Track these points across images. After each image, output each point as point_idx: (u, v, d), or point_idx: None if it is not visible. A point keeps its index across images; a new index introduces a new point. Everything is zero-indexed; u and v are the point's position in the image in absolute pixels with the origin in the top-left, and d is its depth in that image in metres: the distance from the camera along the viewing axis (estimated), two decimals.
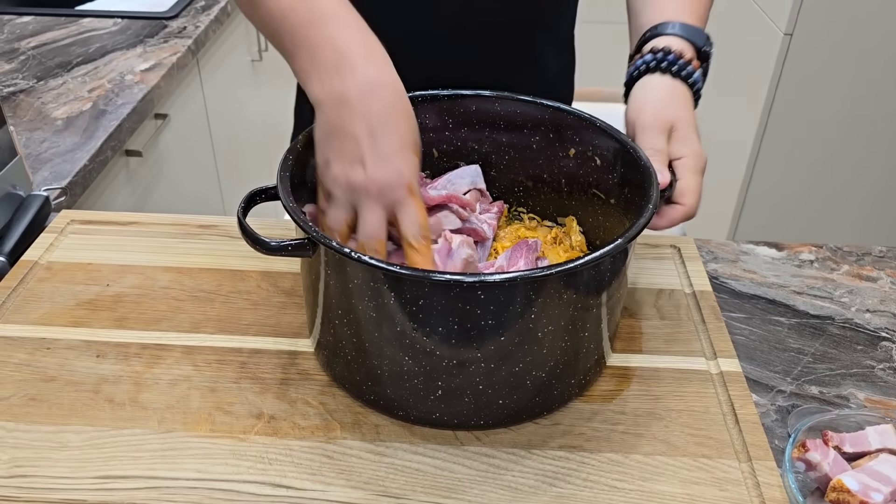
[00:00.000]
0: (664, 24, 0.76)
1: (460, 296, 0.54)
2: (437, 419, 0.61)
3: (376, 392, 0.62)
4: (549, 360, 0.59)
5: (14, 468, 0.59)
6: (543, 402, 0.62)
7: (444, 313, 0.55)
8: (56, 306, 0.74)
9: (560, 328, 0.58)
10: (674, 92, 0.72)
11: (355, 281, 0.56)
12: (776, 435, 0.65)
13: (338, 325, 0.61)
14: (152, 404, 0.64)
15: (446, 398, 0.59)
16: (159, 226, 0.86)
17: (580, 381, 0.64)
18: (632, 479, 0.59)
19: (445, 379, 0.58)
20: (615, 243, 0.55)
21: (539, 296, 0.55)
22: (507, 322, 0.55)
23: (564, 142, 0.73)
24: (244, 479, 0.58)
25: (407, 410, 0.62)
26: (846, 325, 0.77)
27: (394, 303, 0.55)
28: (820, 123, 1.79)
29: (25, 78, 1.32)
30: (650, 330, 0.72)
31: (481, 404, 0.60)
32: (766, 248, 0.89)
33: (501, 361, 0.57)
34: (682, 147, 0.69)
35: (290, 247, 0.59)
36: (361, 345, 0.60)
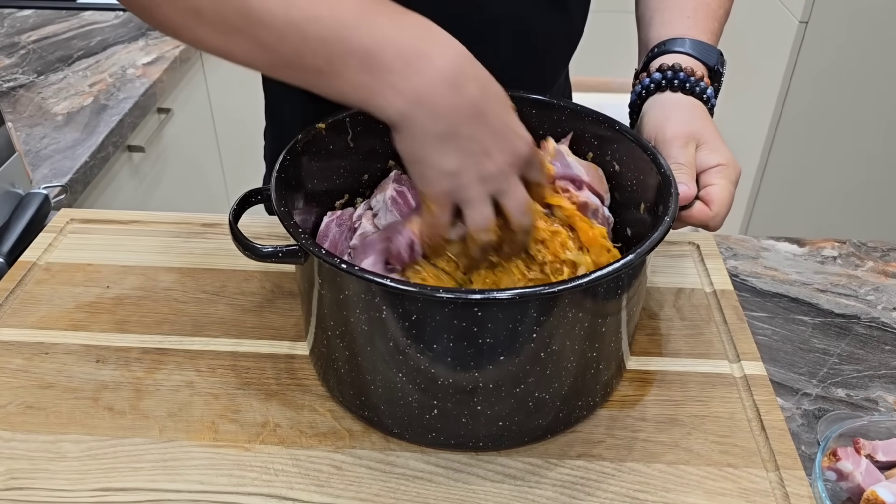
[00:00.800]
0: (673, 40, 0.71)
1: (458, 313, 0.50)
2: (444, 442, 0.59)
3: (371, 410, 0.59)
4: (563, 378, 0.56)
5: (10, 480, 0.56)
6: (560, 421, 0.59)
7: (444, 331, 0.51)
8: (55, 309, 0.72)
9: (574, 344, 0.54)
10: (693, 105, 0.68)
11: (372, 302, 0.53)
12: (803, 441, 0.62)
13: (339, 340, 0.58)
14: (153, 412, 0.62)
15: (455, 421, 0.56)
16: (161, 224, 0.83)
17: (601, 393, 0.61)
18: (655, 489, 0.56)
19: (451, 402, 0.55)
20: (626, 259, 0.51)
21: (548, 312, 0.51)
22: (513, 341, 0.52)
23: (582, 145, 0.69)
24: (249, 492, 0.56)
25: (412, 432, 0.59)
26: (872, 325, 0.75)
27: (391, 320, 0.52)
28: (836, 114, 1.76)
29: (25, 73, 1.30)
30: (670, 331, 0.70)
31: (493, 427, 0.57)
32: (787, 243, 0.86)
33: (510, 383, 0.54)
34: (715, 156, 0.65)
35: (280, 253, 0.56)
36: (361, 364, 0.57)
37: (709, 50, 0.71)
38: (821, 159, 1.82)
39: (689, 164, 0.64)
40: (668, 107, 0.68)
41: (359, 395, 0.59)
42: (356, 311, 0.54)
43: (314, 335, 0.61)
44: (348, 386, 0.60)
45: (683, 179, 0.62)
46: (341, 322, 0.56)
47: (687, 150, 0.64)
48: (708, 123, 0.67)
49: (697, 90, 0.68)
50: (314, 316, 0.59)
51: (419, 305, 0.51)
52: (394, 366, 0.55)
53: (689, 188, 0.62)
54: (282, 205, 0.56)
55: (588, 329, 0.54)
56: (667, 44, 0.71)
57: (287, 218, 0.55)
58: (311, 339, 0.62)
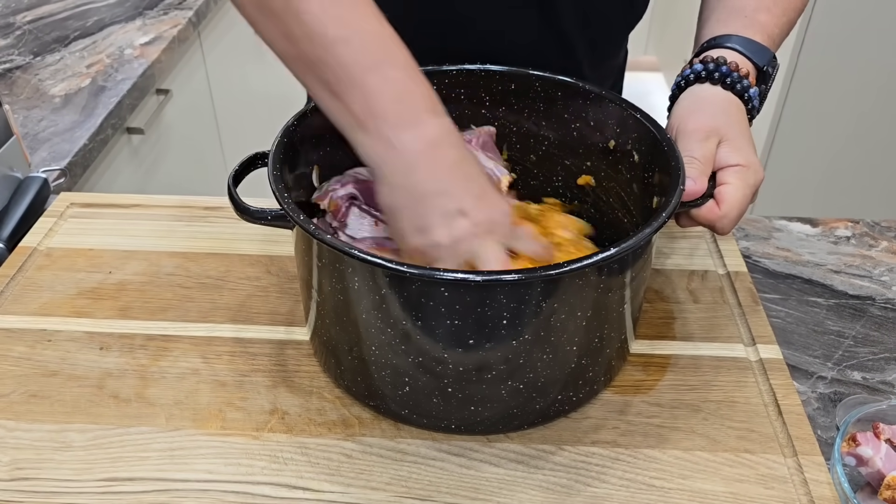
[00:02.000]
0: (724, 36, 0.68)
1: (465, 295, 0.49)
2: (450, 426, 0.58)
3: (376, 397, 0.58)
4: (565, 360, 0.55)
5: (15, 470, 0.55)
6: (563, 403, 0.58)
7: (449, 314, 0.50)
8: (57, 295, 0.71)
9: (578, 325, 0.53)
10: (727, 100, 0.65)
11: (356, 282, 0.52)
12: (819, 425, 0.61)
13: (331, 324, 0.57)
14: (159, 400, 0.61)
15: (460, 405, 0.55)
16: (163, 208, 0.82)
17: (604, 375, 0.60)
18: (671, 476, 0.55)
19: (456, 385, 0.54)
20: (604, 254, 0.49)
21: (552, 294, 0.50)
22: (516, 322, 0.50)
23: (605, 132, 0.67)
24: (258, 481, 0.55)
25: (419, 417, 0.58)
26: (888, 306, 0.73)
27: (395, 303, 0.51)
28: (847, 87, 1.72)
29: (22, 54, 1.28)
30: (684, 315, 0.68)
31: (495, 410, 0.56)
32: (799, 224, 0.84)
33: (512, 364, 0.53)
34: (735, 156, 0.61)
35: (269, 216, 0.56)
36: (363, 348, 0.56)
37: (760, 50, 0.67)
38: (832, 136, 1.80)
39: (703, 158, 0.61)
40: (701, 99, 0.65)
41: (364, 381, 0.58)
42: (354, 292, 0.52)
43: (314, 322, 0.60)
44: (352, 373, 0.59)
45: (692, 174, 0.59)
46: (341, 306, 0.55)
47: (705, 145, 0.61)
48: (737, 121, 0.64)
49: (738, 87, 0.65)
50: (313, 301, 0.58)
51: (420, 287, 0.49)
52: (397, 350, 0.53)
53: (696, 184, 0.59)
54: (276, 168, 0.56)
55: (592, 311, 0.53)
56: (717, 39, 0.68)
57: (277, 182, 0.54)
58: (311, 325, 0.61)
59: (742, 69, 0.65)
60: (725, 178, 0.61)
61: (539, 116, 0.70)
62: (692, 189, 0.59)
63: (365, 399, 0.59)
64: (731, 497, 0.54)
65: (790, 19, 0.72)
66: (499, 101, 0.70)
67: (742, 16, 0.70)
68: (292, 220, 0.52)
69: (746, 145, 0.62)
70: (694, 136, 0.62)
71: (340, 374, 0.60)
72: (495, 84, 0.69)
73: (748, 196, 0.61)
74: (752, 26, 0.68)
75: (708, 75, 0.65)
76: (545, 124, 0.70)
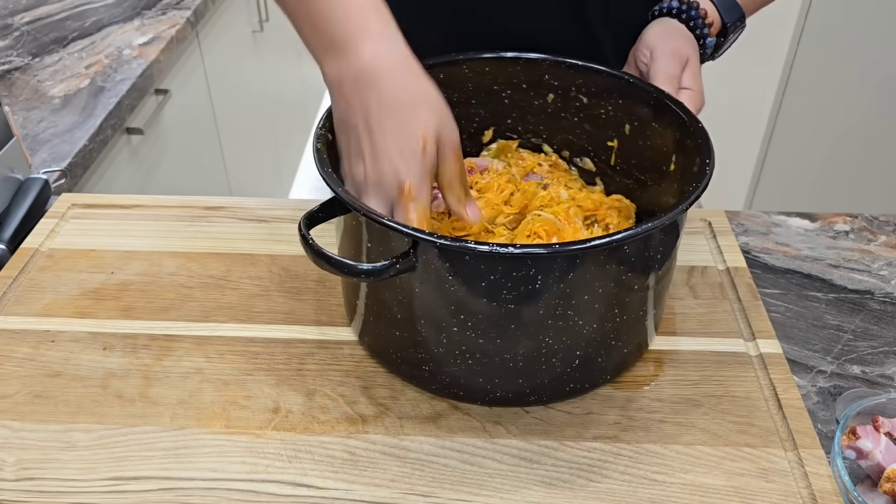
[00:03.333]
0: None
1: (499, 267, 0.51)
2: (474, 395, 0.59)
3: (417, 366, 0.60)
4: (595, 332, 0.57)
5: (21, 471, 0.56)
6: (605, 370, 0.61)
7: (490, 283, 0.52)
8: (59, 296, 0.71)
9: (603, 300, 0.55)
10: (689, 37, 0.75)
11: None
12: (819, 418, 0.62)
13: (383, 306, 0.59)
14: (163, 399, 0.61)
15: (487, 370, 0.57)
16: (164, 209, 0.82)
17: (621, 358, 0.62)
18: (672, 471, 0.55)
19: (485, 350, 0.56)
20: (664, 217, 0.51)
21: (583, 267, 0.52)
22: (551, 292, 0.52)
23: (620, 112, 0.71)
24: (263, 479, 0.55)
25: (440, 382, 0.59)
26: (887, 300, 0.74)
27: (437, 276, 0.53)
28: (845, 82, 1.72)
29: (20, 55, 1.28)
30: (684, 310, 0.69)
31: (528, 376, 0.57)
32: (798, 219, 0.85)
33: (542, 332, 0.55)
34: (689, 80, 0.71)
35: (397, 265, 0.52)
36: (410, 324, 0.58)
37: (732, 7, 0.77)
38: (827, 131, 1.80)
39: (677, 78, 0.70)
40: (672, 28, 0.75)
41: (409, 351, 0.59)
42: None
43: (363, 316, 0.62)
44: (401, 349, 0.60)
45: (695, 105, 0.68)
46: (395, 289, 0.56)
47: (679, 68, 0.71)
48: (696, 54, 0.74)
49: (698, 32, 0.75)
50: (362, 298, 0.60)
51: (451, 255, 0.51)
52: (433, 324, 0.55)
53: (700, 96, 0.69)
54: (320, 154, 0.58)
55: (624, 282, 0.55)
56: None
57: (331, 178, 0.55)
58: (360, 321, 0.63)
59: (709, 19, 0.75)
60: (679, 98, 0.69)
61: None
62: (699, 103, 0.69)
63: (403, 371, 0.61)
64: (733, 491, 0.54)
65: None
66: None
67: None
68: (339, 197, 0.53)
69: (698, 75, 0.72)
70: (671, 57, 0.71)
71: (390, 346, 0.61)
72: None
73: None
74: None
75: (678, 13, 0.76)
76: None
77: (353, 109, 0.55)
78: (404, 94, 0.55)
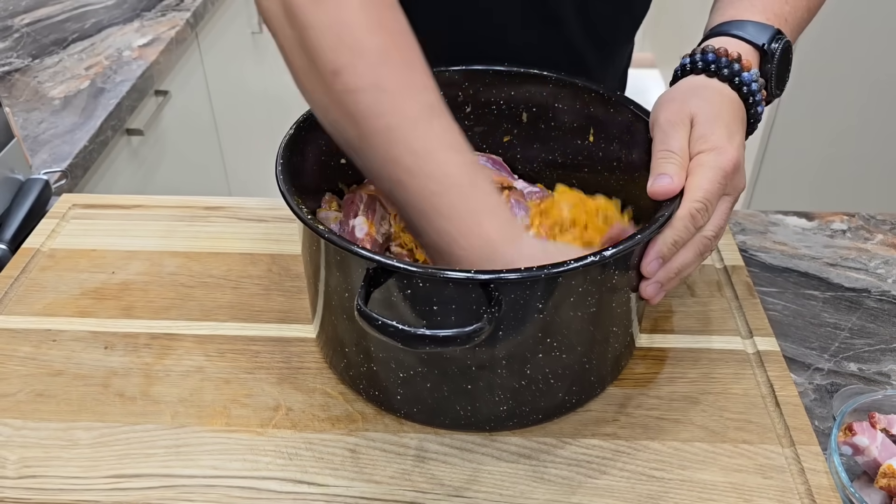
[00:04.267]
0: (720, 24, 0.64)
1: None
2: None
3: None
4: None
5: (23, 468, 0.56)
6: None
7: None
8: (60, 296, 0.71)
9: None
10: (702, 85, 0.60)
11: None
12: (816, 415, 0.62)
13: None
14: (164, 398, 0.61)
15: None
16: (164, 209, 0.82)
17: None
18: (671, 467, 0.56)
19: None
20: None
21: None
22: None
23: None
24: (263, 476, 0.56)
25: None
26: (883, 298, 0.74)
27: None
28: (843, 81, 1.73)
29: (20, 56, 1.28)
30: (682, 308, 0.69)
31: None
32: (795, 217, 0.85)
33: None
34: (699, 143, 0.57)
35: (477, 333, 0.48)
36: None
37: (759, 29, 0.62)
38: (824, 131, 1.81)
39: (681, 151, 0.57)
40: (676, 89, 0.62)
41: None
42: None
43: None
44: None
45: (670, 171, 0.55)
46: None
47: (679, 134, 0.57)
48: (710, 104, 0.59)
49: (726, 72, 0.60)
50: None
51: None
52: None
53: (673, 181, 0.55)
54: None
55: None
56: (713, 29, 0.65)
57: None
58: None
59: (732, 53, 0.61)
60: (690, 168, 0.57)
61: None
62: (670, 186, 0.55)
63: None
64: (730, 487, 0.54)
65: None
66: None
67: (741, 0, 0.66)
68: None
69: (714, 129, 0.57)
70: (665, 126, 0.58)
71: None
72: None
73: (713, 180, 0.55)
74: (751, 7, 0.65)
75: (693, 67, 0.62)
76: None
77: None
78: None
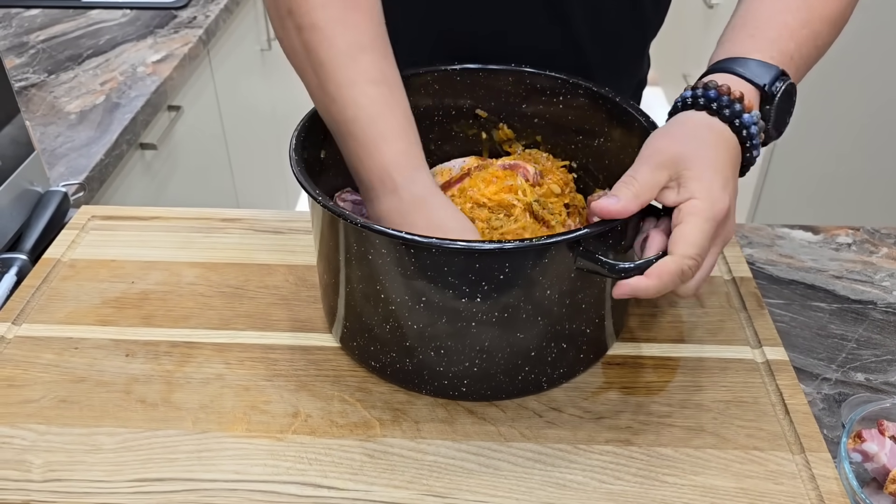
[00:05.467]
0: (725, 60, 0.63)
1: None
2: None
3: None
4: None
5: (48, 472, 0.57)
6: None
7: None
8: (82, 305, 0.73)
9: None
10: (702, 125, 0.58)
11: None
12: (825, 424, 0.63)
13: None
14: (185, 404, 0.63)
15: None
16: (182, 220, 0.84)
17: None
18: (683, 473, 0.57)
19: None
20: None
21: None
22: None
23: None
24: (284, 480, 0.57)
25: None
26: (889, 310, 0.76)
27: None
28: (846, 97, 1.74)
29: (36, 72, 1.30)
30: (692, 319, 0.70)
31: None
32: (801, 231, 0.87)
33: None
34: (691, 187, 0.54)
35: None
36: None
37: (763, 69, 0.61)
38: (829, 145, 1.82)
39: (643, 182, 0.55)
40: (676, 124, 0.60)
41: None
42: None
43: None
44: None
45: (621, 193, 0.54)
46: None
47: (654, 172, 0.55)
48: (707, 148, 0.57)
49: (727, 112, 0.58)
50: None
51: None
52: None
53: (618, 202, 0.53)
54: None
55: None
56: (719, 63, 0.63)
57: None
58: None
59: (735, 92, 0.59)
60: (679, 217, 0.54)
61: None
62: (613, 207, 0.53)
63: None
64: (742, 492, 0.55)
65: (815, 31, 0.65)
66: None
67: (746, 35, 0.64)
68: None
69: (708, 175, 0.55)
70: (646, 160, 0.56)
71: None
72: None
73: (706, 231, 0.53)
74: (758, 44, 0.63)
75: (695, 101, 0.60)
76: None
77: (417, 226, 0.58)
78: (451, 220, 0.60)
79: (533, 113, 0.75)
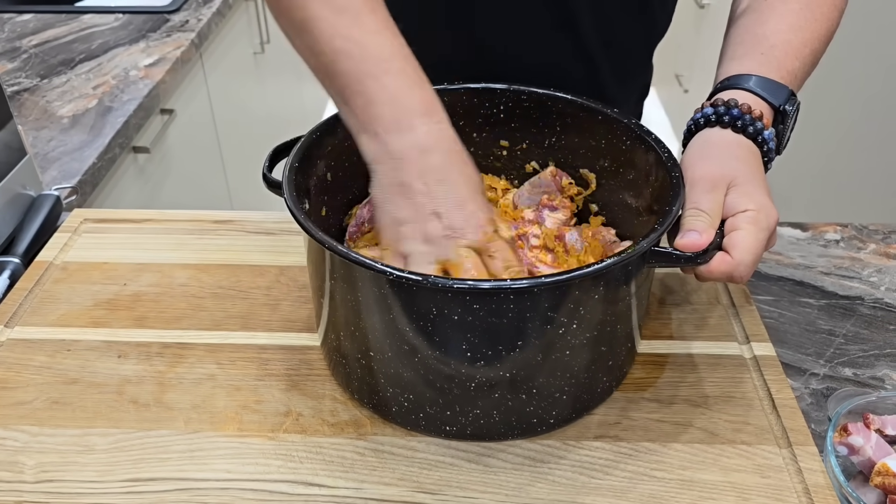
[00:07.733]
0: (738, 76, 0.66)
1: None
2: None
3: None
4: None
5: (41, 473, 0.58)
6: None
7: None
8: (74, 307, 0.73)
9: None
10: (737, 144, 0.63)
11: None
12: (812, 419, 0.64)
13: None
14: (177, 404, 0.63)
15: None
16: (174, 222, 0.84)
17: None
18: (672, 468, 0.57)
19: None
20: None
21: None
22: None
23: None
24: (275, 479, 0.57)
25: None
26: (876, 306, 0.76)
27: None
28: (835, 96, 1.76)
29: (29, 76, 1.31)
30: (680, 315, 0.71)
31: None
32: (790, 228, 0.87)
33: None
34: (745, 201, 0.59)
35: None
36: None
37: (776, 89, 0.65)
38: (817, 143, 1.83)
39: (711, 210, 0.59)
40: (710, 144, 0.63)
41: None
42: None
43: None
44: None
45: (698, 227, 0.57)
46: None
47: (712, 195, 0.59)
48: (748, 165, 0.62)
49: (751, 130, 0.63)
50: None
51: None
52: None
53: (701, 237, 0.57)
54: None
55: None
56: (731, 79, 0.66)
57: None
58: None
59: (755, 110, 0.63)
60: (736, 223, 0.58)
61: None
62: (697, 242, 0.57)
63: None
64: (729, 486, 0.56)
65: (814, 49, 0.70)
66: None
67: (758, 52, 0.68)
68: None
69: (757, 189, 0.60)
70: (700, 185, 0.60)
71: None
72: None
73: (762, 240, 0.58)
74: (769, 63, 0.66)
75: (718, 119, 0.64)
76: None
77: (416, 173, 0.56)
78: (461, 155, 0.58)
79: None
